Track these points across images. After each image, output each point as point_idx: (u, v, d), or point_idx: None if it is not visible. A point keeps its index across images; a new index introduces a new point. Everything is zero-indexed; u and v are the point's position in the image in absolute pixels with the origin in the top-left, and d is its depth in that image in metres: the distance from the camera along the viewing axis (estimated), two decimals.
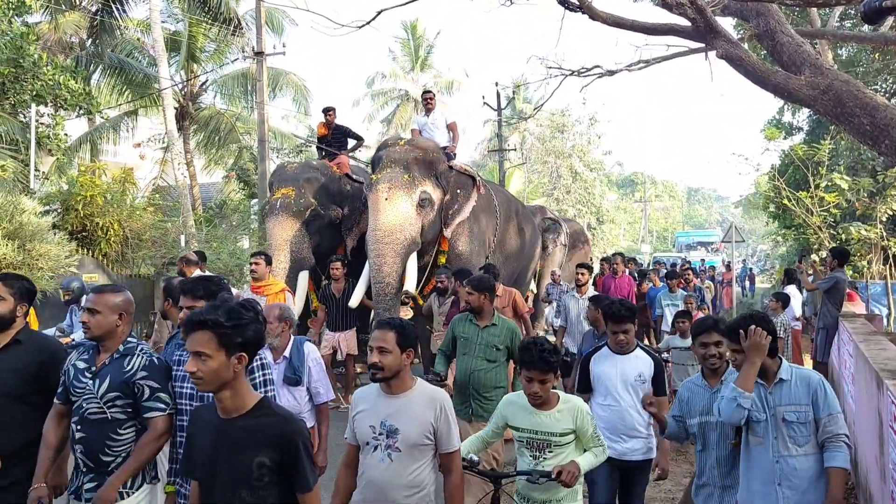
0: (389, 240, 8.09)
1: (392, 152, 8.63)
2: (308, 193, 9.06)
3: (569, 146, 41.44)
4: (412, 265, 8.37)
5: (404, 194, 8.22)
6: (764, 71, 6.84)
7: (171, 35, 19.63)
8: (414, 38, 35.21)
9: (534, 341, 3.41)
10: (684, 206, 70.09)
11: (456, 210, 8.87)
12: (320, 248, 9.21)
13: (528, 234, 11.10)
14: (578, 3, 7.27)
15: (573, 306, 7.86)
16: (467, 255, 9.04)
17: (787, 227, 14.67)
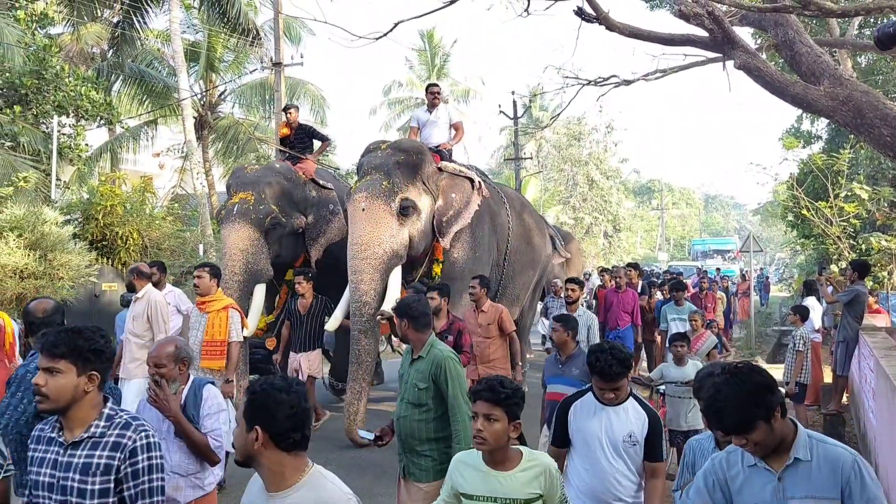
0: (366, 254, 7.28)
1: (372, 158, 7.89)
2: (269, 199, 8.16)
3: (585, 154, 41.35)
4: (395, 281, 7.55)
5: (382, 203, 7.41)
6: (782, 81, 6.81)
7: (191, 45, 19.85)
8: (430, 47, 35.35)
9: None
10: (701, 213, 69.66)
11: (452, 216, 8.00)
12: (280, 259, 8.38)
13: (545, 243, 10.49)
14: (595, 14, 7.30)
15: None
16: (464, 266, 8.22)
17: (806, 237, 14.53)
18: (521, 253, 9.46)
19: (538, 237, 10.09)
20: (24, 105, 13.31)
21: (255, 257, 7.90)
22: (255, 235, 7.89)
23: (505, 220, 9.11)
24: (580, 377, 4.73)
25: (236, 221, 7.89)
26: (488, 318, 6.83)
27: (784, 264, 42.26)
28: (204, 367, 5.95)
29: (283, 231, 8.23)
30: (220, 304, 6.17)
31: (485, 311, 6.86)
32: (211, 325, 6.07)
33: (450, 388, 3.80)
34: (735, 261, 32.74)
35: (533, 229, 9.94)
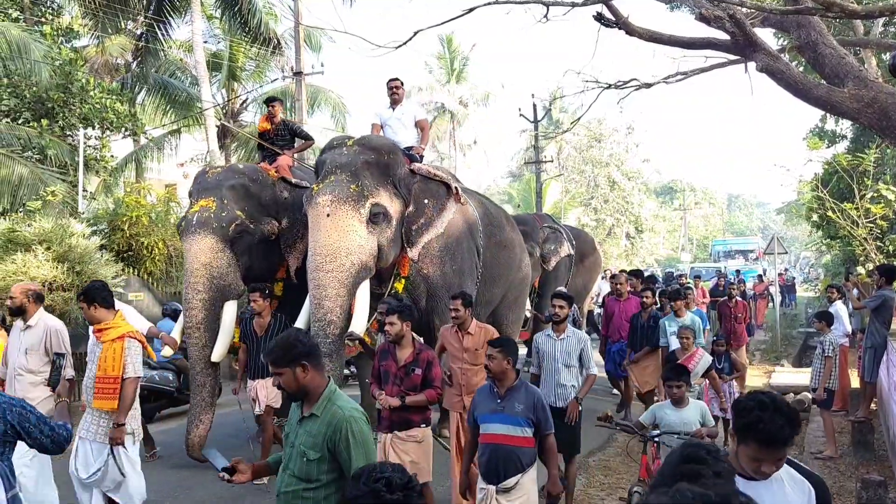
0: (331, 266, 6.39)
1: (337, 155, 6.93)
2: (233, 204, 7.23)
3: (606, 155, 41.19)
4: (363, 297, 6.63)
5: (350, 208, 6.52)
6: (806, 84, 6.76)
7: (213, 55, 20.08)
8: (449, 51, 35.47)
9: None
10: (724, 213, 69.03)
11: (423, 224, 7.13)
12: (252, 271, 7.40)
13: (516, 248, 9.18)
14: (615, 19, 7.29)
15: (549, 349, 5.98)
16: (437, 281, 7.33)
17: (832, 238, 14.37)
18: (488, 266, 8.34)
19: (507, 251, 8.89)
20: (50, 118, 13.54)
21: (222, 271, 7.03)
22: (219, 246, 7.01)
23: (477, 232, 8.15)
24: (524, 414, 4.20)
25: (196, 232, 7.00)
26: (475, 342, 5.82)
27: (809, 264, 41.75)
28: (97, 408, 5.01)
29: (252, 239, 7.31)
30: (117, 330, 5.10)
31: (471, 333, 5.86)
32: (104, 358, 5.03)
33: (352, 460, 2.78)
34: (758, 261, 32.30)
35: (501, 242, 8.77)
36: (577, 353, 5.87)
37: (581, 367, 5.91)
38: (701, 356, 6.65)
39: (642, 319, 8.49)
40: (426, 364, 5.09)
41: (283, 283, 7.79)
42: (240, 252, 7.22)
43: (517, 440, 4.22)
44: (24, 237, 9.47)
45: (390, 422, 5.06)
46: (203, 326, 6.94)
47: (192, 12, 17.05)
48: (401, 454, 4.97)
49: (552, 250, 11.80)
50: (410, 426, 5.05)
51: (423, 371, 5.06)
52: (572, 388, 5.85)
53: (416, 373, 5.04)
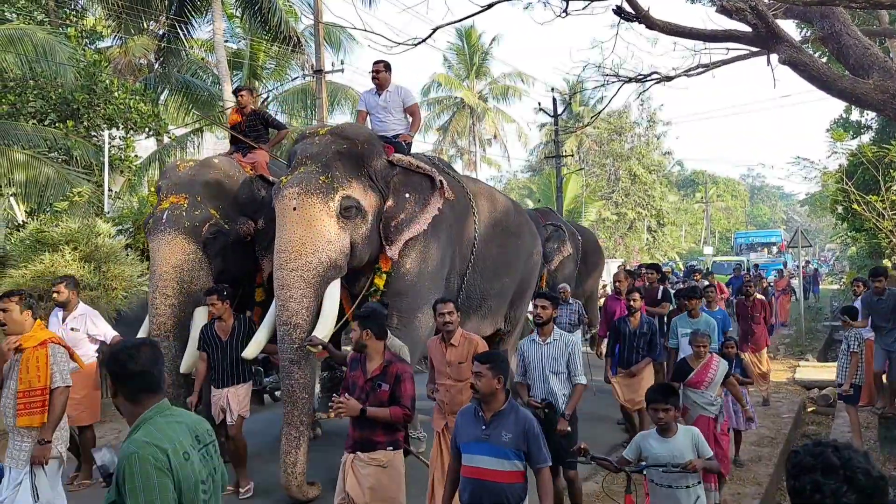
0: (297, 264, 5.82)
1: (307, 146, 6.40)
2: (206, 202, 6.72)
3: (627, 148, 40.98)
4: (332, 298, 6.05)
5: (319, 202, 5.97)
6: (830, 76, 6.68)
7: (234, 54, 20.25)
8: (469, 46, 35.42)
9: None
10: (747, 205, 68.37)
11: (404, 221, 6.50)
12: (226, 274, 6.83)
13: (524, 242, 8.61)
14: (635, 12, 7.25)
15: (534, 354, 5.35)
16: (415, 279, 6.68)
17: (857, 230, 14.20)
18: (490, 257, 7.83)
19: (514, 238, 8.41)
20: (76, 119, 13.73)
21: (193, 275, 6.52)
22: (190, 248, 6.52)
23: (471, 224, 7.61)
24: (513, 444, 3.66)
25: (166, 232, 6.49)
26: (460, 354, 5.17)
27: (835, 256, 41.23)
28: (21, 427, 4.55)
29: (226, 240, 6.78)
30: (36, 338, 4.64)
31: (455, 345, 5.18)
32: (25, 369, 4.54)
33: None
34: (782, 254, 31.91)
35: (508, 230, 8.28)
36: (565, 358, 5.21)
37: (570, 373, 5.25)
38: (717, 363, 5.88)
39: (630, 326, 7.24)
40: (394, 378, 4.40)
41: (262, 290, 7.16)
42: (213, 254, 6.69)
43: (505, 475, 3.66)
44: (52, 237, 9.61)
45: (353, 440, 4.45)
46: (172, 335, 6.38)
47: (213, 12, 17.23)
48: (360, 478, 4.36)
49: (555, 249, 11.38)
50: (374, 447, 4.35)
51: (390, 386, 4.39)
52: (563, 398, 5.22)
53: (382, 388, 4.39)
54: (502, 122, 37.65)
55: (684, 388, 5.70)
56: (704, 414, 5.65)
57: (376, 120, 7.32)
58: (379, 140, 6.74)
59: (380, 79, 7.25)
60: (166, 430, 2.42)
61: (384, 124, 7.25)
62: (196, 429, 2.55)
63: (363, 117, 7.40)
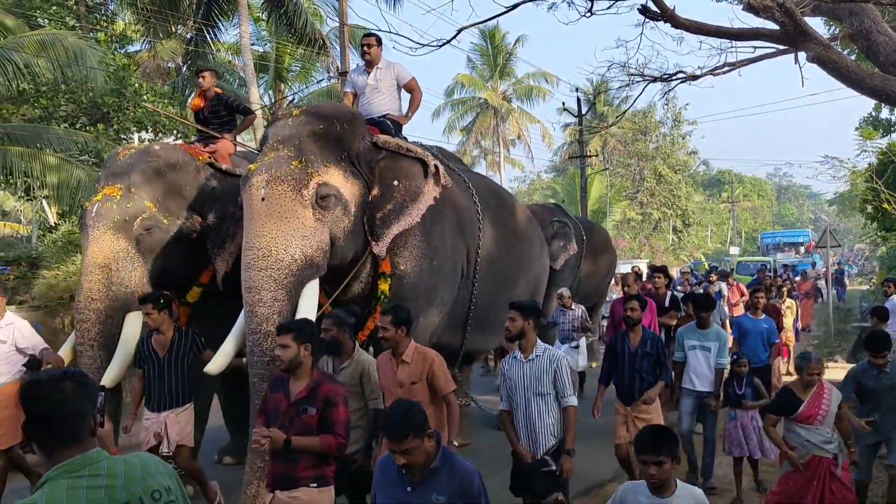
0: (266, 263, 5.03)
1: (279, 128, 5.62)
2: (142, 193, 5.89)
3: (652, 148, 40.72)
4: (309, 301, 5.26)
5: (290, 190, 5.19)
6: (859, 74, 6.62)
7: (260, 57, 20.46)
8: (493, 47, 35.42)
9: None
10: (774, 205, 67.60)
11: (392, 212, 5.71)
12: (167, 276, 6.07)
13: (533, 247, 7.80)
14: (661, 11, 7.23)
15: (516, 374, 4.55)
16: (416, 282, 5.96)
17: (888, 230, 14.01)
18: (498, 262, 6.99)
19: (523, 242, 7.59)
20: (105, 123, 13.97)
21: (123, 275, 5.69)
22: (120, 245, 5.70)
23: (474, 220, 6.75)
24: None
25: (94, 227, 5.72)
26: (412, 373, 4.39)
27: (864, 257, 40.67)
28: None
29: (164, 236, 5.97)
30: None
31: (407, 361, 4.41)
32: None
33: None
34: (810, 254, 31.48)
35: (516, 233, 7.46)
36: (550, 376, 4.41)
37: (559, 391, 4.45)
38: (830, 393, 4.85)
39: (629, 344, 5.73)
40: (324, 402, 3.69)
41: (200, 290, 6.34)
42: (148, 252, 5.89)
43: None
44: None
45: (273, 476, 3.79)
46: (97, 343, 5.59)
47: (240, 15, 17.42)
48: None
49: (561, 247, 10.43)
50: (296, 484, 3.66)
51: (319, 411, 3.69)
52: (553, 427, 4.43)
53: (308, 413, 3.68)
54: (526, 122, 37.60)
55: (791, 423, 4.82)
56: (819, 454, 4.70)
57: (364, 101, 6.55)
58: (362, 119, 6.02)
59: (371, 54, 6.48)
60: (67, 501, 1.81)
61: (372, 105, 6.45)
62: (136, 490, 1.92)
63: (350, 100, 6.67)
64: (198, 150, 6.56)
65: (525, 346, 4.53)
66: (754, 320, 7.66)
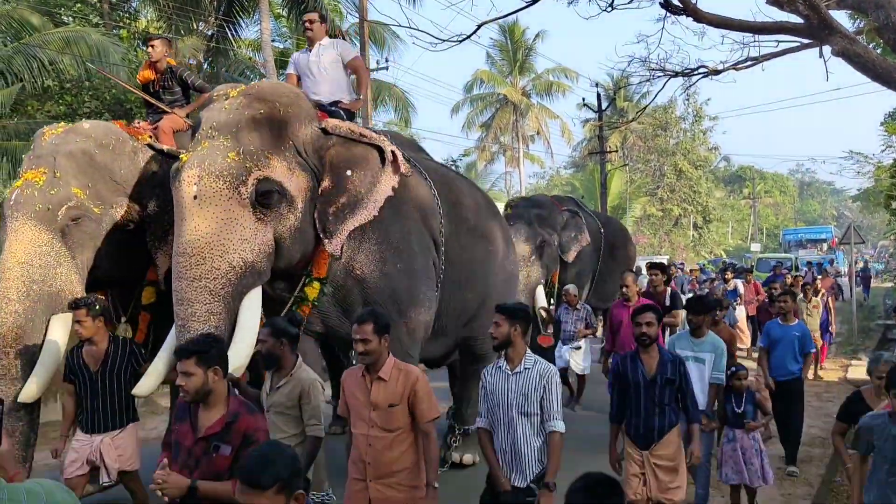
0: (200, 272, 4.42)
1: (214, 113, 4.87)
2: (69, 178, 5.08)
3: (672, 144, 40.48)
4: (249, 313, 4.67)
5: (226, 186, 4.54)
6: (885, 67, 6.55)
7: (280, 53, 20.53)
8: (512, 42, 35.36)
9: None
10: (796, 201, 66.95)
11: (346, 206, 5.04)
12: (101, 273, 5.26)
13: (498, 239, 6.86)
14: (682, 5, 7.19)
15: (499, 388, 3.85)
16: (379, 284, 5.22)
17: None
18: (455, 263, 6.13)
19: (483, 242, 6.62)
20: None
21: (47, 272, 4.91)
22: (42, 237, 4.93)
23: (436, 217, 5.90)
24: None
25: (14, 217, 4.96)
26: (391, 394, 3.62)
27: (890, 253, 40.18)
28: None
29: (95, 227, 5.16)
30: None
31: (385, 379, 3.63)
32: None
33: None
34: (833, 251, 31.11)
35: (475, 231, 6.53)
36: (539, 394, 3.73)
37: (544, 413, 3.75)
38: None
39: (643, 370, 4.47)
40: (242, 439, 3.00)
41: (154, 290, 5.48)
42: (77, 246, 5.09)
43: None
44: None
45: None
46: (13, 350, 4.75)
47: (261, 12, 17.49)
48: None
49: (572, 238, 10.11)
50: None
51: (234, 450, 2.99)
52: (541, 452, 3.78)
53: (221, 452, 3.01)
54: (546, 118, 37.49)
55: None
56: None
57: (307, 83, 5.86)
58: (308, 102, 5.29)
59: (314, 30, 5.85)
60: None
61: (317, 86, 5.77)
62: None
63: (293, 80, 5.94)
64: (137, 128, 5.76)
65: (511, 355, 3.82)
66: (784, 327, 6.81)
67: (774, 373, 6.74)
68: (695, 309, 5.65)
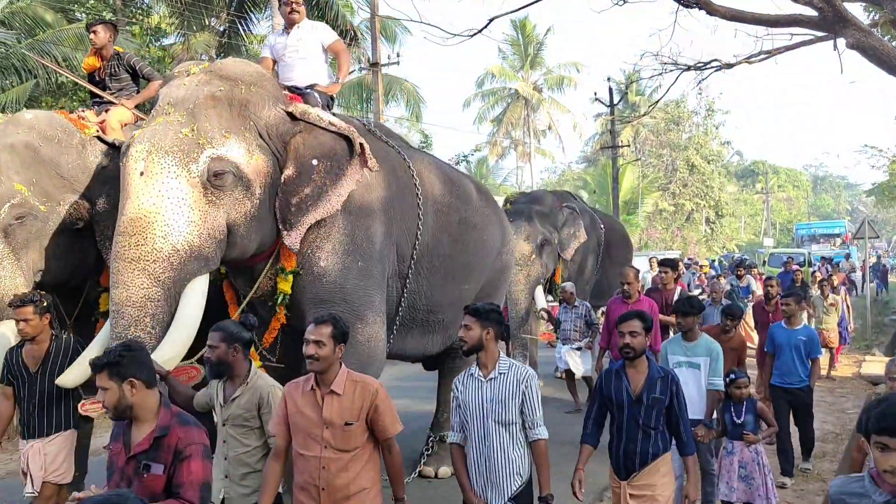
0: (139, 252, 4.10)
1: (173, 89, 4.59)
2: (11, 174, 4.79)
3: (685, 138, 40.31)
4: (190, 303, 4.29)
5: (174, 163, 4.22)
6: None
7: None
8: (524, 37, 35.33)
9: None
10: (810, 195, 66.54)
11: (309, 197, 4.69)
12: (49, 275, 4.97)
13: (490, 237, 6.56)
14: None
15: (472, 396, 3.52)
16: (337, 281, 4.84)
17: None
18: (444, 255, 5.89)
19: (476, 231, 6.37)
20: None
21: None
22: None
23: (412, 209, 5.60)
24: None
25: None
26: (346, 410, 3.22)
27: None
28: None
29: (41, 226, 4.85)
30: None
31: (338, 392, 3.23)
32: None
33: None
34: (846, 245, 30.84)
35: (466, 221, 6.26)
36: (517, 400, 3.44)
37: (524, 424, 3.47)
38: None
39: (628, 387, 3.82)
40: (173, 455, 2.74)
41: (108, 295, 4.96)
42: (20, 247, 4.79)
43: None
44: None
45: None
46: None
47: (272, 7, 17.55)
48: None
49: (571, 235, 9.94)
50: None
51: (167, 468, 2.74)
52: (518, 465, 3.46)
53: (152, 472, 2.74)
54: (557, 112, 37.45)
55: None
56: None
57: (284, 67, 5.47)
58: (275, 83, 4.97)
59: (300, 13, 5.46)
60: None
61: (294, 72, 5.37)
62: None
63: (268, 64, 5.51)
64: (84, 120, 5.34)
65: (485, 360, 3.51)
66: (788, 330, 6.32)
67: (780, 380, 6.33)
68: (683, 310, 5.28)
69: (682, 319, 5.22)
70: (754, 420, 5.02)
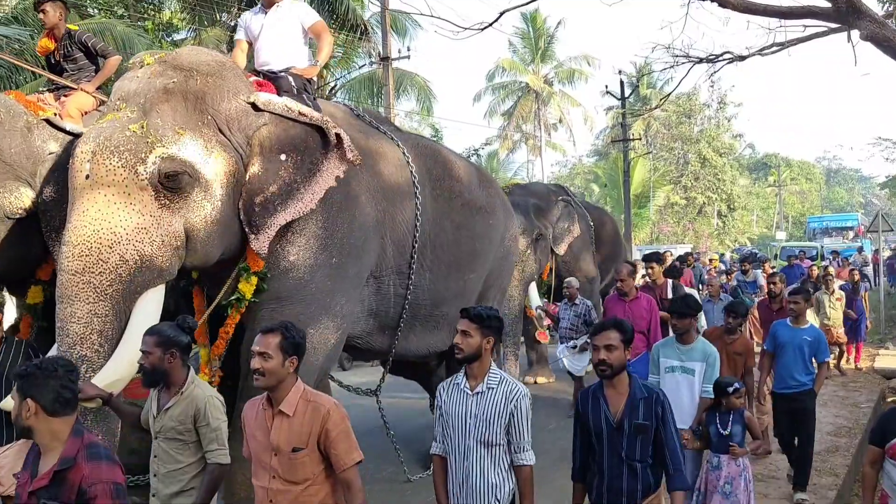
0: (84, 264, 3.75)
1: (125, 83, 4.21)
2: None
3: (696, 131, 40.12)
4: (143, 317, 3.87)
5: (122, 166, 3.85)
6: None
7: None
8: (534, 30, 35.22)
9: None
10: (823, 188, 66.06)
11: (276, 197, 4.30)
12: None
13: (495, 221, 6.23)
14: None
15: (455, 410, 3.17)
16: (302, 278, 4.49)
17: None
18: (446, 244, 5.58)
19: (480, 216, 6.00)
20: None
21: None
22: None
23: (410, 199, 5.27)
24: None
25: None
26: (296, 434, 2.78)
27: None
28: None
29: None
30: None
31: (288, 413, 2.80)
32: None
33: None
34: (859, 238, 30.57)
35: (469, 205, 5.92)
36: (504, 419, 3.08)
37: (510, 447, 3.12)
38: None
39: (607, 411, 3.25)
40: (77, 494, 2.33)
41: (42, 289, 4.69)
42: None
43: None
44: None
45: None
46: None
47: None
48: None
49: (565, 229, 9.65)
50: None
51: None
52: (498, 489, 3.11)
53: None
54: (568, 105, 37.32)
55: (887, 461, 3.50)
56: None
57: (261, 50, 4.94)
58: (237, 71, 4.48)
59: None
60: None
61: (270, 55, 4.88)
62: None
63: (241, 47, 5.04)
64: (39, 102, 4.88)
65: (475, 371, 3.14)
66: (793, 329, 5.68)
67: (780, 384, 5.70)
68: (679, 311, 4.84)
69: (677, 321, 4.79)
70: (742, 432, 4.57)
